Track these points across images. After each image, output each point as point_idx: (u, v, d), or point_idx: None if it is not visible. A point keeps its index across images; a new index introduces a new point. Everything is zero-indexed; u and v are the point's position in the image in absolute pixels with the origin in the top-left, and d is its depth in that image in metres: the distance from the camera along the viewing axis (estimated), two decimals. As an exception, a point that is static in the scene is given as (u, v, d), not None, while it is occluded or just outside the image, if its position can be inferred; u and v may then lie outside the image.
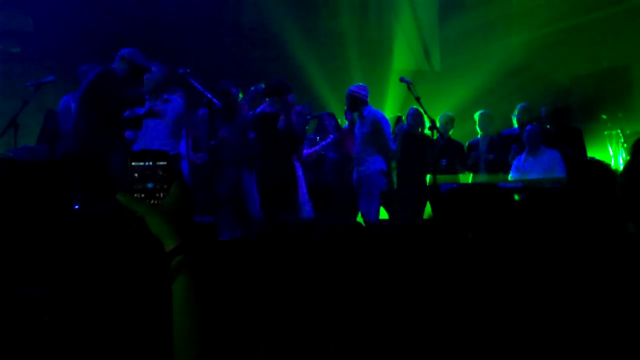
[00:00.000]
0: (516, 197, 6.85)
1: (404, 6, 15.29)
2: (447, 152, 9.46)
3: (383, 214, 9.17)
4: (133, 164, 1.80)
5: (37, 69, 8.92)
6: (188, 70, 7.74)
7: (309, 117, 9.04)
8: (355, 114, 8.51)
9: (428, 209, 9.28)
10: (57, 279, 2.64)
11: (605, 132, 11.13)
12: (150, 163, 1.81)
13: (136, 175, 1.80)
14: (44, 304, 2.41)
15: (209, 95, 7.44)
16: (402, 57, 15.01)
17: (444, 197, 7.08)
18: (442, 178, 8.99)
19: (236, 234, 7.80)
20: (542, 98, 9.58)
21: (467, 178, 9.90)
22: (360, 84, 8.68)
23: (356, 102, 8.42)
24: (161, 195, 1.79)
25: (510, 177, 8.93)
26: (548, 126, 9.19)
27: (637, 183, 2.47)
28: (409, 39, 15.20)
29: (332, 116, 9.33)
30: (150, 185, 1.79)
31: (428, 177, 9.40)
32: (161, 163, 1.82)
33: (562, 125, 9.24)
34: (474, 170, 9.72)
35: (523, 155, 8.86)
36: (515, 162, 8.94)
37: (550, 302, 2.14)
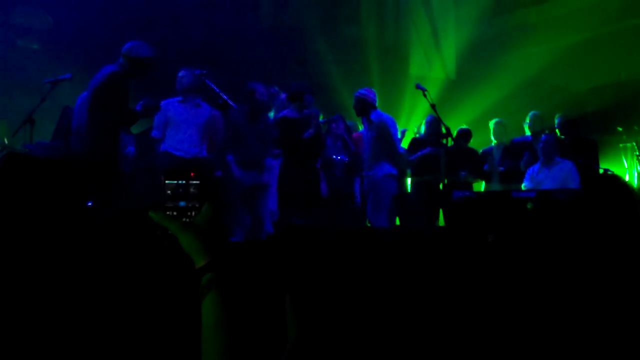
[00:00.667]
0: (529, 205, 6.85)
1: (421, 13, 15.29)
2: (463, 161, 9.41)
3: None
4: (167, 181, 1.82)
5: (56, 66, 8.95)
6: (205, 72, 7.80)
7: (322, 121, 9.02)
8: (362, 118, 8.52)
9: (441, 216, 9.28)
10: (65, 278, 2.65)
11: (621, 145, 11.09)
12: (184, 181, 1.83)
13: (169, 192, 1.82)
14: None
15: (224, 97, 7.47)
16: (418, 64, 15.02)
17: (456, 204, 7.06)
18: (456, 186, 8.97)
19: (248, 236, 7.81)
20: (558, 109, 9.54)
21: (480, 187, 9.90)
22: (369, 87, 8.63)
23: (364, 106, 8.37)
24: (193, 213, 1.81)
25: (523, 186, 8.86)
26: (562, 136, 9.14)
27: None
28: (425, 46, 15.20)
29: (340, 119, 9.26)
30: (182, 203, 1.81)
31: (441, 185, 9.40)
32: (194, 182, 1.84)
33: (576, 136, 9.20)
34: (487, 179, 9.71)
35: (537, 165, 8.75)
36: (529, 172, 8.86)
37: (564, 312, 2.13)
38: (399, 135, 9.06)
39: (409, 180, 9.62)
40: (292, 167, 7.98)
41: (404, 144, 9.56)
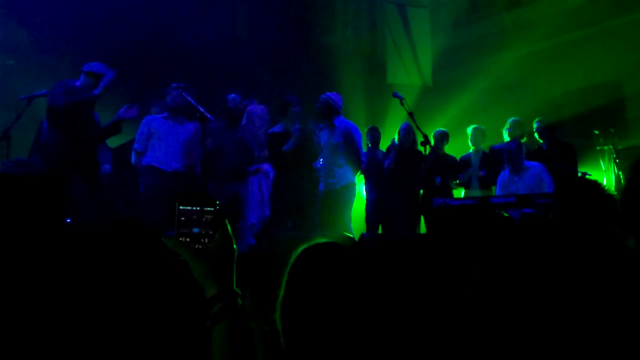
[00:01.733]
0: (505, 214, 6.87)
1: (397, 21, 15.33)
2: (440, 167, 9.46)
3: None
4: (181, 207, 1.83)
5: (32, 82, 8.91)
6: (182, 85, 7.85)
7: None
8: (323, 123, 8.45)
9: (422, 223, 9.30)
10: (48, 293, 2.63)
11: (598, 148, 11.15)
12: (198, 208, 1.83)
13: (183, 219, 1.82)
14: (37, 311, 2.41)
15: (202, 110, 7.49)
16: (396, 72, 15.04)
17: (436, 211, 7.07)
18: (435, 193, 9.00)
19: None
20: (535, 113, 9.59)
21: (460, 193, 9.93)
22: (336, 93, 8.58)
23: (330, 110, 8.33)
24: (206, 240, 1.82)
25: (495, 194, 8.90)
26: (541, 141, 9.18)
27: (638, 200, 2.48)
28: (402, 54, 15.23)
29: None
30: (196, 230, 1.81)
31: (421, 191, 9.42)
32: (208, 209, 1.84)
33: (554, 141, 9.25)
34: (466, 185, 9.74)
35: (507, 173, 8.73)
36: (499, 180, 8.81)
37: (548, 317, 2.14)
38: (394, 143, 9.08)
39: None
40: (279, 180, 8.02)
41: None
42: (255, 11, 12.82)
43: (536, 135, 9.23)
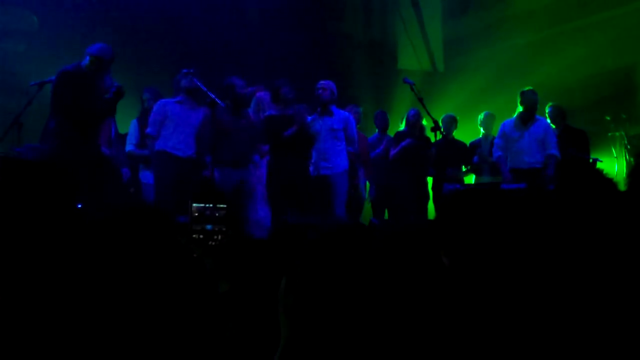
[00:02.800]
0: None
1: (408, 7, 15.28)
2: (450, 152, 9.44)
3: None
4: (194, 205, 1.84)
5: (42, 68, 8.92)
6: (192, 71, 7.84)
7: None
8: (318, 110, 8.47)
9: (431, 208, 9.29)
10: (57, 280, 2.63)
11: (609, 134, 11.12)
12: (211, 205, 1.85)
13: (196, 215, 1.83)
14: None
15: (212, 96, 7.49)
16: (406, 58, 15.01)
17: (447, 198, 7.07)
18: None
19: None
20: (545, 99, 9.54)
21: (470, 180, 9.92)
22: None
23: (332, 97, 8.39)
24: (219, 237, 1.83)
25: (495, 143, 8.87)
26: (553, 126, 9.13)
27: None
28: (412, 40, 15.19)
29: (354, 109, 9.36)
30: (209, 226, 1.83)
31: (430, 178, 9.42)
32: (221, 205, 1.86)
33: (567, 126, 9.22)
34: (477, 171, 9.74)
35: (511, 122, 8.79)
36: (501, 128, 8.87)
37: (554, 304, 2.14)
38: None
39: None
40: (277, 165, 8.00)
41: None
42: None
43: (548, 120, 9.18)
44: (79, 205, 6.06)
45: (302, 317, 1.81)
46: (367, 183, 9.62)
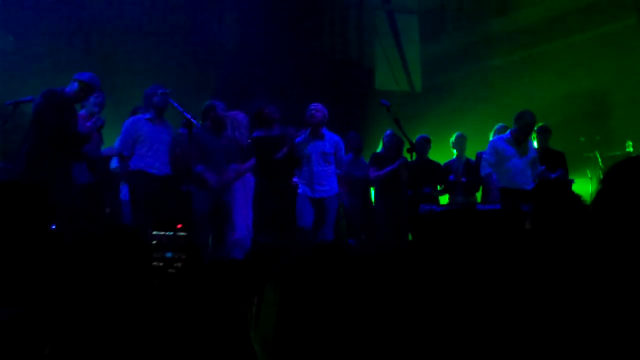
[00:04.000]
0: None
1: (385, 27, 15.38)
2: (425, 173, 9.47)
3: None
4: (154, 232, 1.84)
5: (18, 88, 8.88)
6: (168, 91, 7.83)
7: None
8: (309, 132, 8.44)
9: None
10: (30, 301, 2.61)
11: (584, 155, 11.22)
12: (171, 233, 1.85)
13: (154, 242, 1.83)
14: (16, 327, 2.39)
15: (188, 116, 7.49)
16: (384, 78, 15.08)
17: (423, 218, 7.07)
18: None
19: (213, 254, 7.80)
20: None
21: (444, 199, 9.97)
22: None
23: (324, 120, 8.39)
24: (179, 264, 1.83)
25: (484, 159, 8.72)
26: (535, 145, 9.15)
27: (609, 210, 2.48)
28: (390, 60, 15.27)
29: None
30: (169, 254, 1.83)
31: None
32: (182, 233, 1.86)
33: (547, 148, 9.26)
34: (450, 192, 9.79)
35: (502, 140, 8.70)
36: (494, 144, 8.75)
37: (531, 323, 2.15)
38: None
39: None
40: (264, 187, 8.01)
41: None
42: (242, 18, 12.82)
43: (533, 137, 9.18)
44: (53, 227, 6.03)
45: (278, 344, 1.80)
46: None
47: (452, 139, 10.05)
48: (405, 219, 9.15)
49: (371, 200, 9.66)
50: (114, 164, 8.57)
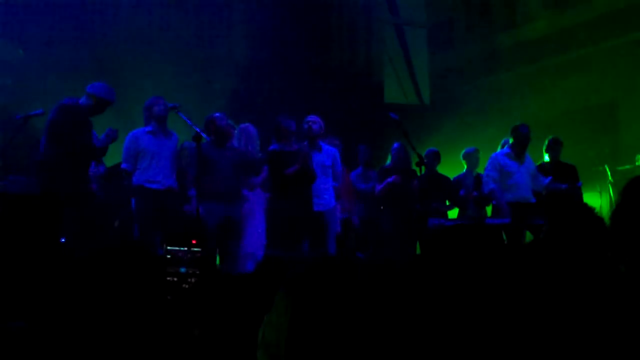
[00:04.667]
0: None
1: (394, 40, 15.41)
2: (434, 187, 9.43)
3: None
4: (168, 247, 1.85)
5: (28, 101, 8.91)
6: (177, 105, 7.81)
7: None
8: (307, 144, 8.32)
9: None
10: (44, 313, 2.62)
11: (592, 169, 11.19)
12: (185, 248, 1.86)
13: (169, 257, 1.84)
14: (32, 338, 2.39)
15: (197, 130, 7.48)
16: (393, 91, 15.09)
17: (431, 233, 7.05)
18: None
19: (222, 268, 7.78)
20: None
21: (454, 213, 9.93)
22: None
23: (321, 131, 8.33)
24: (192, 280, 1.83)
25: (486, 174, 8.69)
26: (547, 159, 9.17)
27: (627, 225, 2.48)
28: (399, 73, 15.29)
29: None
30: (183, 269, 1.83)
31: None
32: (195, 249, 1.87)
33: (558, 161, 9.24)
34: (461, 206, 9.75)
35: (501, 155, 8.69)
36: (496, 160, 8.67)
37: (540, 339, 2.14)
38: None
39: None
40: (276, 201, 7.93)
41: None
42: (251, 32, 12.84)
43: (545, 152, 9.21)
44: (63, 240, 6.04)
45: (290, 352, 1.80)
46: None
47: (465, 153, 10.01)
48: (414, 233, 9.13)
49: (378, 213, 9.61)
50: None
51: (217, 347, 2.03)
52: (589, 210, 2.85)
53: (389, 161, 9.42)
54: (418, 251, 9.12)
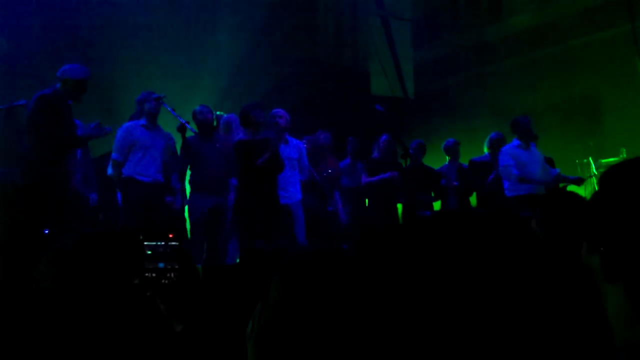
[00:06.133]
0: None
1: (380, 32, 15.42)
2: (419, 179, 9.45)
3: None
4: (145, 242, 1.82)
5: (10, 92, 8.84)
6: (162, 96, 7.76)
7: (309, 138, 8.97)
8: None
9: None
10: (24, 303, 2.59)
11: (577, 161, 11.24)
12: (162, 242, 1.82)
13: (149, 253, 1.81)
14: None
15: (182, 121, 7.44)
16: (378, 84, 15.10)
17: (419, 223, 7.06)
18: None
19: (208, 260, 7.76)
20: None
21: (437, 205, 9.97)
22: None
23: (287, 125, 8.25)
24: (172, 275, 1.81)
25: (505, 166, 8.61)
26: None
27: (605, 214, 2.47)
28: (384, 66, 15.30)
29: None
30: (161, 264, 1.80)
31: (399, 205, 9.44)
32: (173, 243, 1.84)
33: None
34: (443, 197, 9.78)
35: (514, 147, 8.66)
36: (509, 151, 8.64)
37: (527, 329, 2.13)
38: None
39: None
40: (246, 192, 7.80)
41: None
42: (236, 24, 12.80)
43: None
44: (46, 231, 5.99)
45: (280, 346, 1.78)
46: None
47: (445, 145, 10.06)
48: (399, 224, 9.13)
49: (365, 205, 9.61)
50: (109, 170, 8.51)
51: (202, 342, 2.01)
52: (582, 201, 2.85)
53: (375, 152, 9.42)
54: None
